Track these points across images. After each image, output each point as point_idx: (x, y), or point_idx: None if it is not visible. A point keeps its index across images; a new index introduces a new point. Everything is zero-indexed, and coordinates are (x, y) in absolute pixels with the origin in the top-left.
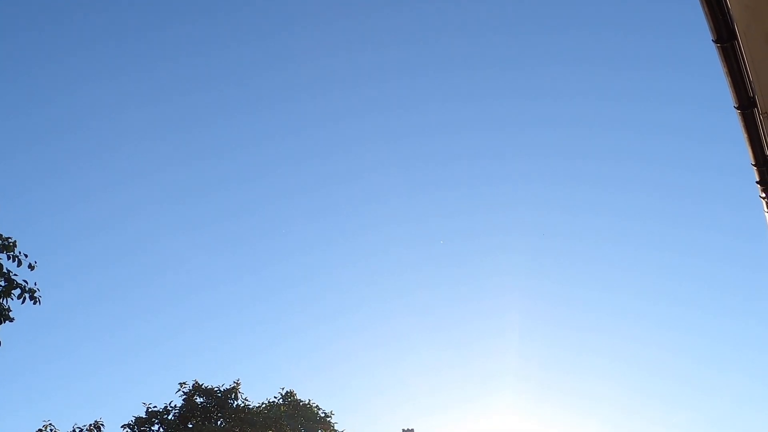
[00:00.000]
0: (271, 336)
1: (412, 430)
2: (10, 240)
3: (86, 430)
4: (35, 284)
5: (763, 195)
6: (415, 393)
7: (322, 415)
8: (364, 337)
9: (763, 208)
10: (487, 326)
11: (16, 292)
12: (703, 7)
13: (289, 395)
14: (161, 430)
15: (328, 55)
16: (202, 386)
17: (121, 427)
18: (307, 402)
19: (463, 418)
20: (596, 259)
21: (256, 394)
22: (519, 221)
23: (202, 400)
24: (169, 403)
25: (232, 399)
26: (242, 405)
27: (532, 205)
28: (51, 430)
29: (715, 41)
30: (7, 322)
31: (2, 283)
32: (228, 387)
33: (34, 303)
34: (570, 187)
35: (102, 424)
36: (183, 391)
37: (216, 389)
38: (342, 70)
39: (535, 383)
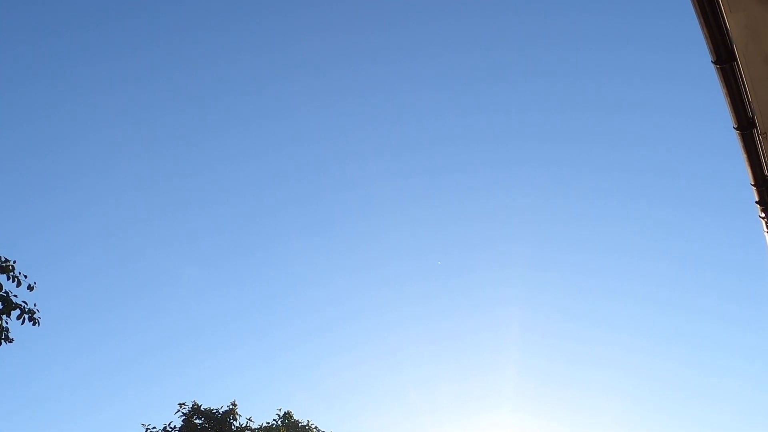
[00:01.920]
0: (266, 354)
1: None
2: (9, 262)
3: None
4: (35, 305)
5: (763, 215)
6: (414, 409)
7: None
8: (360, 354)
9: (762, 228)
10: (487, 340)
11: (16, 312)
12: (703, 29)
13: (287, 416)
14: None
15: (328, 67)
16: (201, 408)
17: None
18: (306, 423)
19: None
20: (597, 271)
21: (253, 415)
22: (519, 232)
23: (200, 421)
24: (169, 424)
25: (230, 420)
26: (242, 426)
27: (532, 216)
28: None
29: (715, 62)
30: (6, 342)
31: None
32: (226, 409)
33: (34, 324)
34: (570, 198)
35: None
36: (182, 412)
37: (215, 411)
38: (342, 82)
39: (535, 397)
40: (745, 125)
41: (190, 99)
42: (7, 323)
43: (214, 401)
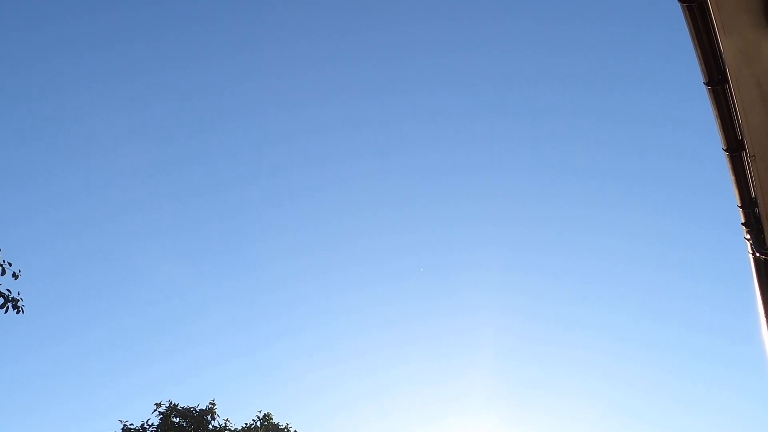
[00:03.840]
0: (246, 356)
1: None
2: None
3: None
4: (18, 293)
5: (748, 236)
6: (389, 409)
7: None
8: (336, 354)
9: (747, 249)
10: (461, 342)
11: None
12: (696, 50)
13: (266, 418)
14: None
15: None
16: (178, 407)
17: None
18: (285, 426)
19: None
20: (574, 275)
21: (232, 415)
22: (494, 235)
23: (178, 420)
24: (146, 421)
25: (208, 419)
26: (220, 426)
27: (507, 219)
28: None
29: (707, 84)
30: None
31: None
32: (204, 408)
33: (17, 312)
34: (547, 201)
35: None
36: (159, 411)
37: (192, 409)
38: (332, 82)
39: (510, 400)
40: (734, 147)
41: (172, 94)
42: None
43: (191, 400)
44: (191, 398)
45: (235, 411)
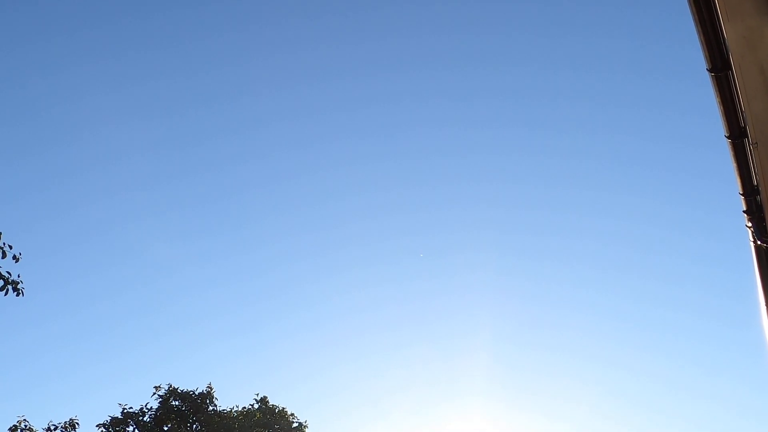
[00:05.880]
0: (246, 341)
1: None
2: None
3: (61, 427)
4: (18, 276)
5: (749, 224)
6: (385, 393)
7: (297, 424)
8: (330, 337)
9: (748, 237)
10: (459, 326)
11: None
12: (699, 36)
13: (263, 401)
14: (136, 431)
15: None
16: (177, 390)
17: (96, 426)
18: (282, 409)
19: (434, 424)
20: (571, 258)
21: (230, 398)
22: (491, 216)
23: (177, 403)
24: (145, 405)
25: (207, 403)
26: (218, 410)
27: (505, 202)
28: (26, 426)
29: (710, 70)
30: None
31: None
32: (203, 391)
33: (17, 295)
34: (544, 183)
35: (77, 423)
36: (158, 395)
37: (191, 393)
38: (332, 63)
39: (508, 388)
40: (736, 134)
41: (163, 72)
42: None
43: (187, 382)
44: (187, 381)
45: (231, 394)
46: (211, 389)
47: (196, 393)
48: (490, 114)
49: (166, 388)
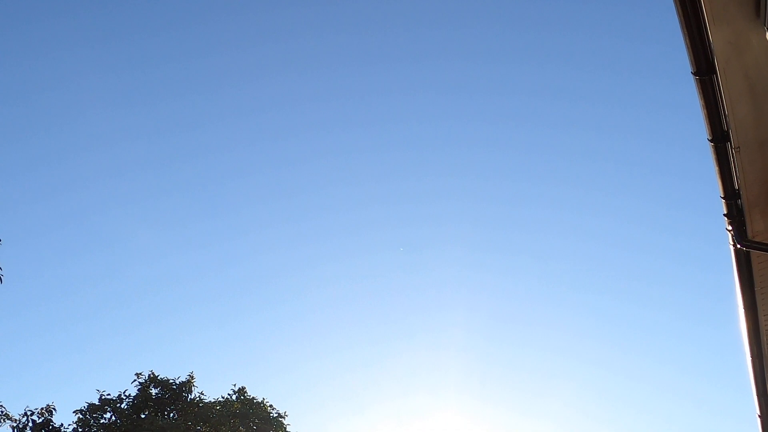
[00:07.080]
0: (224, 332)
1: None
2: None
3: (38, 413)
4: None
5: (729, 228)
6: (360, 386)
7: (275, 415)
8: (307, 330)
9: (728, 240)
10: (436, 326)
11: None
12: (685, 40)
13: (241, 392)
14: (114, 418)
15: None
16: (158, 377)
17: (74, 412)
18: (260, 400)
19: (410, 417)
20: (548, 254)
21: (210, 388)
22: (469, 211)
23: (156, 391)
24: (124, 392)
25: (186, 392)
26: (197, 399)
27: (476, 197)
28: (2, 412)
29: (695, 73)
30: None
31: None
32: (183, 380)
33: None
34: (519, 179)
35: (54, 409)
36: (139, 382)
37: (171, 381)
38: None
39: (483, 383)
40: (719, 138)
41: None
42: None
43: (171, 372)
44: (170, 370)
45: (209, 384)
46: (192, 378)
47: (177, 382)
48: (472, 109)
49: (147, 375)
